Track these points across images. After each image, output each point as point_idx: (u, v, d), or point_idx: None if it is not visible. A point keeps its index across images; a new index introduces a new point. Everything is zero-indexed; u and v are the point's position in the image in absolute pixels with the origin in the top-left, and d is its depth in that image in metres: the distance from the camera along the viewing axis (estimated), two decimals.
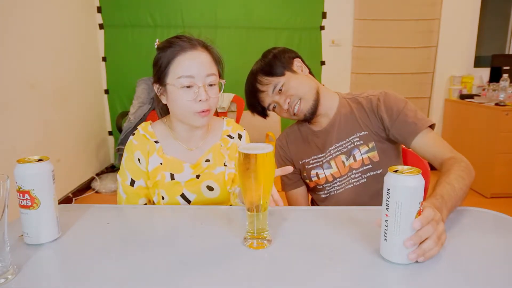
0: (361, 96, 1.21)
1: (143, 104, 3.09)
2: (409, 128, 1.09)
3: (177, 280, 0.64)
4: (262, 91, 1.18)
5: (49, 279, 0.65)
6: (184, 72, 0.97)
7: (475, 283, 0.62)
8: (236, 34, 3.37)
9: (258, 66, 1.20)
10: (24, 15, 2.37)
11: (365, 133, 1.16)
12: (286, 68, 1.18)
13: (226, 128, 1.16)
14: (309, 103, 1.17)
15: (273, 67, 1.17)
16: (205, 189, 1.07)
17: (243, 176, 0.73)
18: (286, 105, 1.16)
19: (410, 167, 0.66)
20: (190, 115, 1.01)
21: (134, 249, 0.75)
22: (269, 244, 0.75)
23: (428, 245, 0.65)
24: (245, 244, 0.75)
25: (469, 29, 3.56)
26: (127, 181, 1.07)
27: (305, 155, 1.26)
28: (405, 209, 0.64)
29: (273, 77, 1.16)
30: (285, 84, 1.16)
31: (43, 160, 0.75)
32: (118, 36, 3.36)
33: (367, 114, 1.17)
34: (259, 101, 1.21)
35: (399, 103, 1.13)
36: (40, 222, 0.75)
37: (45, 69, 2.60)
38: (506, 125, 2.88)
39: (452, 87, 3.57)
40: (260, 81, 1.18)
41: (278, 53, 1.20)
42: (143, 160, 1.08)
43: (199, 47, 1.01)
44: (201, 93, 0.98)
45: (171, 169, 1.06)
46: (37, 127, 2.51)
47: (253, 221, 0.75)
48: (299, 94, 1.16)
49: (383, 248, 0.68)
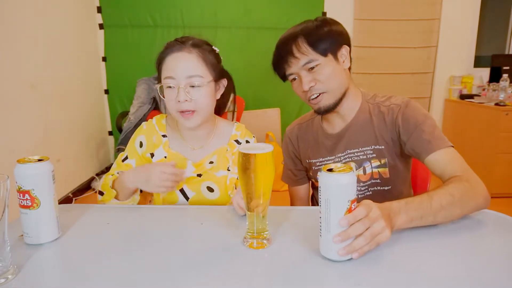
0: (384, 104, 1.10)
1: (143, 104, 3.09)
2: (423, 146, 0.99)
3: (177, 280, 0.64)
4: (295, 57, 1.04)
5: (49, 279, 0.65)
6: (167, 72, 1.01)
7: (475, 283, 0.62)
8: (236, 34, 3.37)
9: (305, 30, 1.04)
10: (24, 15, 2.37)
11: (381, 147, 1.08)
12: (331, 51, 1.04)
13: (235, 133, 1.16)
14: (331, 101, 1.06)
15: (320, 41, 1.02)
16: (205, 189, 1.08)
17: (243, 176, 0.73)
18: (307, 86, 1.04)
19: (343, 165, 0.68)
20: (176, 115, 1.04)
21: (134, 249, 0.75)
22: (269, 244, 0.75)
23: (359, 242, 0.66)
24: (245, 244, 0.75)
25: (469, 29, 3.56)
26: (123, 156, 1.14)
27: (313, 156, 1.21)
28: (334, 206, 0.65)
29: (313, 51, 1.02)
30: (320, 66, 1.03)
31: (43, 160, 0.75)
32: (118, 36, 3.36)
33: (386, 125, 1.08)
34: (286, 63, 1.07)
35: (418, 117, 1.03)
36: (40, 222, 0.75)
37: (45, 69, 2.60)
38: (506, 125, 2.88)
39: (452, 87, 3.57)
40: (299, 46, 1.03)
41: (334, 32, 1.05)
42: (144, 145, 1.13)
43: (187, 48, 1.01)
44: (180, 93, 0.99)
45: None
46: (37, 127, 2.51)
47: (253, 221, 0.75)
48: (326, 86, 1.04)
49: (320, 245, 0.70)
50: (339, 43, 1.06)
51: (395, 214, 0.74)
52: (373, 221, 0.67)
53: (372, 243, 0.67)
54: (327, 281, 0.64)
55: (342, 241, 0.66)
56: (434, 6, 3.47)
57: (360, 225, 0.66)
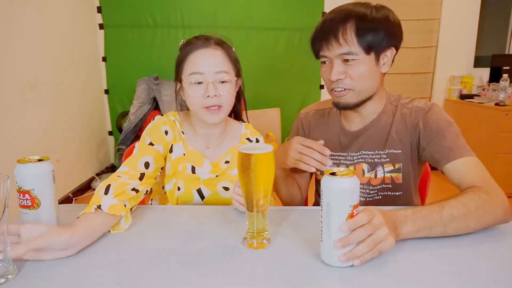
0: (407, 106, 1.05)
1: (143, 104, 3.09)
2: (443, 153, 0.94)
3: (177, 280, 0.64)
4: (337, 41, 0.93)
5: (49, 279, 0.65)
6: (194, 68, 1.01)
7: (475, 284, 0.62)
8: (236, 34, 3.36)
9: (359, 16, 0.93)
10: (24, 15, 2.37)
11: (398, 151, 1.04)
12: (375, 50, 0.95)
13: (245, 132, 1.17)
14: (353, 100, 1.00)
15: (370, 36, 0.93)
16: (221, 188, 1.09)
17: (243, 176, 0.73)
18: (335, 77, 0.96)
19: (346, 169, 0.66)
20: (201, 111, 1.03)
21: (134, 249, 0.75)
22: (269, 244, 0.75)
23: (361, 249, 0.64)
24: (245, 244, 0.75)
25: (469, 29, 3.56)
26: (146, 141, 1.03)
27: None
28: (335, 211, 0.64)
29: (358, 43, 0.93)
30: (357, 62, 0.94)
31: (43, 160, 0.75)
32: (118, 36, 3.36)
33: (407, 128, 1.03)
34: (324, 43, 0.97)
35: (441, 122, 0.98)
36: (40, 222, 0.75)
37: (45, 69, 2.60)
38: (506, 125, 2.88)
39: (452, 87, 3.57)
40: (345, 32, 0.93)
41: (388, 31, 0.95)
42: (169, 135, 1.07)
43: (213, 45, 1.04)
44: (209, 89, 1.00)
45: (192, 161, 1.08)
46: (37, 127, 2.51)
47: (253, 221, 0.75)
48: (356, 84, 0.97)
49: (321, 250, 0.69)
50: (388, 44, 0.96)
51: (401, 222, 0.72)
52: (376, 227, 0.65)
53: (374, 250, 0.65)
54: (326, 282, 0.64)
55: (343, 247, 0.64)
56: (434, 6, 3.48)
57: (362, 231, 0.64)
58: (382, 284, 0.62)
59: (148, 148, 1.02)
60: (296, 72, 3.46)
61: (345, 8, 0.96)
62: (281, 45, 3.43)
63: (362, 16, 0.93)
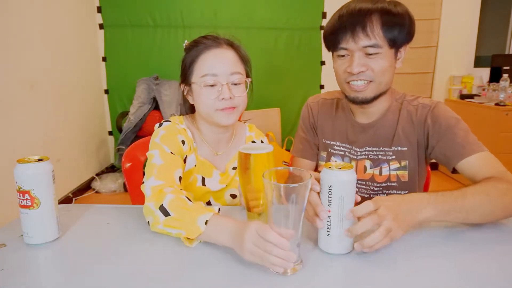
0: (412, 104, 1.04)
1: (143, 104, 3.09)
2: (456, 150, 0.94)
3: (177, 280, 0.64)
4: (364, 33, 0.91)
5: (49, 279, 0.65)
6: (207, 70, 0.96)
7: (475, 284, 0.62)
8: (236, 34, 3.32)
9: (384, 10, 0.92)
10: (24, 15, 2.37)
11: (404, 149, 1.03)
12: (397, 45, 0.95)
13: (250, 134, 1.14)
14: (373, 94, 0.98)
15: (395, 30, 0.92)
16: (229, 197, 1.07)
17: (243, 176, 0.73)
18: (357, 69, 0.93)
19: (342, 163, 0.71)
20: (214, 113, 0.97)
21: (134, 249, 0.75)
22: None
23: (375, 237, 0.66)
24: None
25: (469, 29, 3.56)
26: (166, 150, 0.93)
27: (331, 137, 1.14)
28: (347, 202, 0.68)
29: (384, 36, 0.92)
30: (380, 55, 0.93)
31: (43, 160, 0.75)
32: (118, 36, 3.36)
33: (414, 126, 1.02)
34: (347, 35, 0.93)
35: (449, 120, 0.98)
36: (40, 222, 0.75)
37: (45, 69, 2.60)
38: (506, 125, 2.88)
39: (452, 87, 3.57)
40: (371, 24, 0.91)
41: (409, 26, 0.94)
42: (186, 145, 1.00)
43: (224, 45, 0.99)
44: (224, 91, 0.95)
45: (202, 172, 1.04)
46: (37, 127, 2.51)
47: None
48: (377, 78, 0.95)
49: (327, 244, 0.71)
50: (407, 40, 0.96)
51: (420, 207, 0.73)
52: (383, 217, 0.67)
53: (387, 238, 0.67)
54: (327, 279, 0.64)
55: (351, 236, 0.67)
56: (434, 6, 3.47)
57: (368, 221, 0.67)
58: (387, 278, 0.62)
59: (174, 159, 0.93)
60: (296, 72, 3.45)
61: (365, 2, 0.93)
62: (281, 45, 3.43)
63: (387, 10, 0.92)
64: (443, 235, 0.79)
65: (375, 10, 0.91)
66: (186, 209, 0.76)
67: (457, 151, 0.94)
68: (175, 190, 0.82)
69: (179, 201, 0.79)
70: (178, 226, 0.75)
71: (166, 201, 0.78)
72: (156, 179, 0.86)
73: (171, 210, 0.77)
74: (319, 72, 3.53)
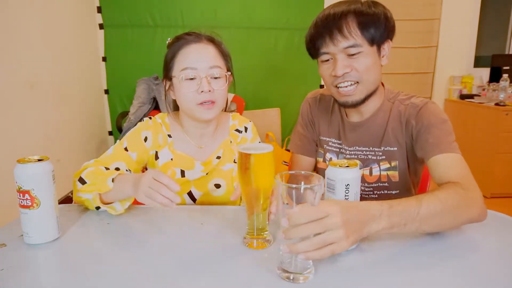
0: (403, 103, 1.03)
1: (143, 104, 3.09)
2: (428, 148, 0.93)
3: (177, 280, 0.64)
4: (342, 35, 0.92)
5: (49, 279, 0.65)
6: (187, 64, 0.99)
7: (475, 283, 0.62)
8: (236, 34, 3.36)
9: (358, 10, 0.93)
10: (24, 15, 2.37)
11: (393, 149, 1.03)
12: (377, 42, 0.95)
13: (233, 123, 1.15)
14: (362, 95, 0.98)
15: (372, 27, 0.93)
16: (213, 187, 1.07)
17: (242, 176, 0.73)
18: (341, 71, 0.94)
19: (346, 160, 0.74)
20: (194, 107, 1.00)
21: (134, 249, 0.75)
22: (269, 244, 0.75)
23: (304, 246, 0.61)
24: (245, 244, 0.75)
25: (469, 29, 3.56)
26: (122, 145, 1.04)
27: (327, 134, 1.14)
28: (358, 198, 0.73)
29: (362, 35, 0.92)
30: (362, 54, 0.93)
31: (43, 160, 0.75)
32: (118, 36, 3.36)
33: (401, 126, 1.02)
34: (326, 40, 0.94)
35: (433, 119, 0.96)
36: (40, 222, 0.75)
37: (45, 69, 2.60)
38: (506, 125, 2.88)
39: (452, 87, 3.57)
40: (348, 25, 0.92)
41: (388, 22, 0.95)
42: (150, 141, 1.06)
43: (205, 41, 1.02)
44: (203, 84, 0.98)
45: (181, 166, 1.06)
46: (37, 127, 2.51)
47: (252, 221, 0.75)
48: (362, 76, 0.95)
49: None
50: (387, 35, 0.97)
51: (374, 218, 0.66)
52: (327, 227, 0.61)
53: (325, 250, 0.61)
54: (326, 281, 0.64)
55: (285, 238, 0.62)
56: (434, 6, 3.47)
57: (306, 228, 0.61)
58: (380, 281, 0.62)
59: (122, 152, 1.03)
60: (296, 72, 3.45)
61: (339, 7, 0.95)
62: (281, 45, 3.43)
63: (361, 10, 0.93)
64: (444, 235, 0.79)
65: (349, 11, 0.93)
66: (99, 174, 0.89)
67: (429, 148, 0.93)
68: (96, 166, 0.93)
69: (96, 170, 0.91)
70: (91, 190, 0.87)
71: (84, 173, 0.90)
72: (94, 162, 0.97)
73: (87, 178, 0.89)
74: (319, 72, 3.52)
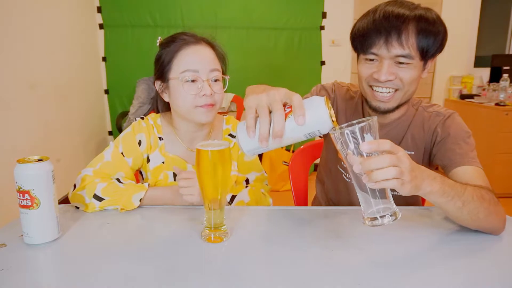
0: (427, 110, 1.03)
1: (143, 104, 3.09)
2: (453, 158, 0.93)
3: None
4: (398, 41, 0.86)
5: (49, 279, 0.65)
6: (188, 66, 0.96)
7: (476, 283, 0.62)
8: (236, 34, 3.36)
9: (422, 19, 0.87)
10: (24, 15, 2.37)
11: (411, 153, 1.02)
12: (428, 58, 0.92)
13: (227, 127, 1.13)
14: (395, 103, 0.96)
15: (430, 43, 0.89)
16: None
17: (199, 171, 0.74)
18: (385, 77, 0.89)
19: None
20: (194, 109, 0.97)
21: (134, 249, 0.75)
22: (227, 238, 0.77)
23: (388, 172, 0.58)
24: (203, 238, 0.77)
25: (469, 29, 3.56)
26: (118, 149, 1.01)
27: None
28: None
29: (417, 48, 0.88)
30: (410, 66, 0.90)
31: (43, 160, 0.75)
32: (118, 36, 3.36)
33: (424, 132, 1.02)
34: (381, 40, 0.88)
35: (459, 132, 0.97)
36: (40, 222, 0.75)
37: (45, 69, 2.60)
38: (506, 125, 2.88)
39: (452, 87, 3.57)
40: (407, 33, 0.86)
41: (443, 38, 0.92)
42: (143, 144, 1.04)
43: (203, 43, 1.01)
44: (205, 87, 0.96)
45: (173, 169, 1.04)
46: (37, 127, 2.51)
47: (210, 216, 0.77)
48: (404, 87, 0.92)
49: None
50: (438, 52, 0.93)
51: (430, 177, 0.66)
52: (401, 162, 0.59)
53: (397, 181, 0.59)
54: (326, 281, 0.64)
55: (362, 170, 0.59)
56: (434, 6, 3.47)
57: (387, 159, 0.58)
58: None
59: (121, 160, 1.00)
60: (296, 72, 3.46)
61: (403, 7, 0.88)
62: (281, 45, 3.43)
63: (424, 19, 0.87)
64: (445, 237, 0.79)
65: (413, 17, 0.86)
66: (116, 191, 0.91)
67: (454, 159, 0.93)
68: (103, 179, 0.94)
69: (111, 187, 0.92)
70: (112, 204, 0.91)
71: (99, 189, 0.91)
72: (93, 173, 0.96)
73: (105, 196, 0.90)
74: (319, 72, 3.52)
